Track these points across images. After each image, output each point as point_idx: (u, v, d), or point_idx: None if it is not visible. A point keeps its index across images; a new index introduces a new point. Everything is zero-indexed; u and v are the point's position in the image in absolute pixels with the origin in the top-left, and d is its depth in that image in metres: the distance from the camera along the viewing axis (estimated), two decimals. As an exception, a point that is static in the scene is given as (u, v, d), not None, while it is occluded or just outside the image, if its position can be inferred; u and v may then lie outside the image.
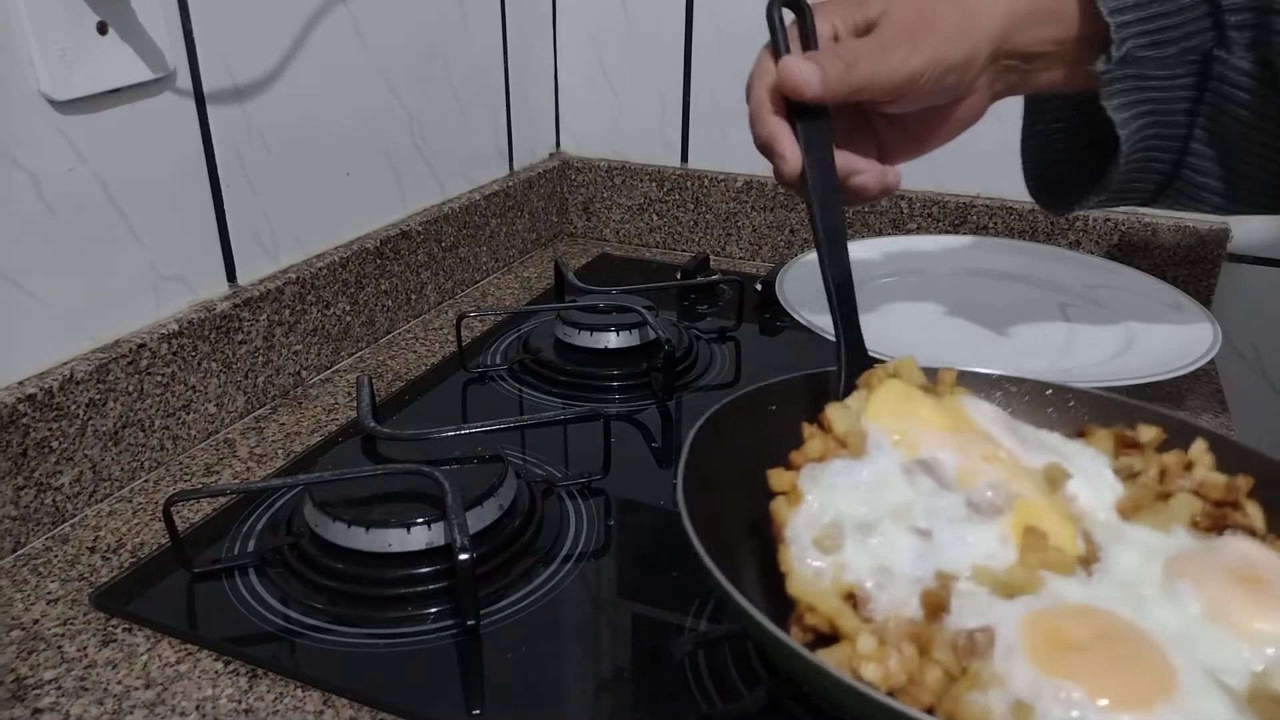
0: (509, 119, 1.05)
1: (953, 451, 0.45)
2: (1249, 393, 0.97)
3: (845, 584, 0.41)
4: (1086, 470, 0.48)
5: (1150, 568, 0.44)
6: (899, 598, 0.40)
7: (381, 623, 0.51)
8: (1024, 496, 0.44)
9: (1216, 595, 0.41)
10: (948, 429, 0.47)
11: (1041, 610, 0.40)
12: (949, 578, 0.41)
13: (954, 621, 0.39)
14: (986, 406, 0.50)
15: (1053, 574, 0.41)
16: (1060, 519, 0.44)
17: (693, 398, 0.76)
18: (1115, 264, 0.88)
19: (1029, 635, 0.38)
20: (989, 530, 0.43)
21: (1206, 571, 0.43)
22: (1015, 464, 0.46)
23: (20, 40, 0.56)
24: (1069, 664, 0.37)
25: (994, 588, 0.41)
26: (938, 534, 0.42)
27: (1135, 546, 0.45)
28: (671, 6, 1.04)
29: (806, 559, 0.42)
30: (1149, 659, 0.38)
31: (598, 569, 0.56)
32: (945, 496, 0.44)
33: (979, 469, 0.44)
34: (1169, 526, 0.46)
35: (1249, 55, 0.52)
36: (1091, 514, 0.46)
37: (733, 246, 1.10)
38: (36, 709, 0.46)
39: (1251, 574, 0.42)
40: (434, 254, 0.92)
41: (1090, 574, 0.43)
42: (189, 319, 0.67)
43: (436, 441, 0.61)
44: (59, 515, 0.60)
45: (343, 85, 0.81)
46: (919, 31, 0.50)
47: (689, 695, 0.47)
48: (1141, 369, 0.69)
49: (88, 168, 0.61)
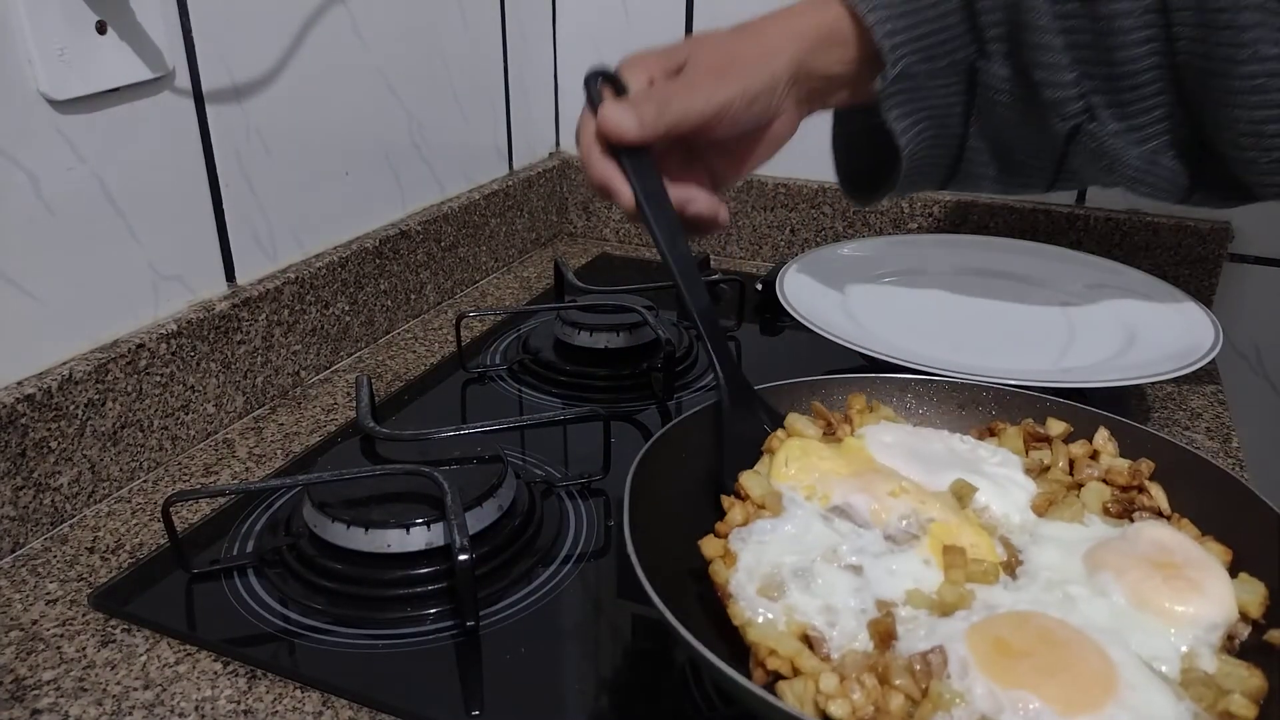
0: (509, 119, 1.05)
1: (861, 494, 0.49)
2: (1249, 393, 0.97)
3: (798, 624, 0.43)
4: (997, 476, 0.51)
5: (1070, 562, 0.46)
6: (849, 631, 0.42)
7: (381, 623, 0.51)
8: (936, 519, 0.47)
9: (1137, 584, 0.43)
10: (852, 474, 0.50)
11: (980, 623, 0.41)
12: (889, 605, 0.43)
13: (904, 647, 0.41)
14: (888, 436, 0.54)
15: (980, 585, 0.44)
16: (975, 531, 0.47)
17: (693, 398, 0.76)
18: (1116, 263, 0.88)
19: (977, 649, 0.40)
20: (911, 557, 0.45)
21: (1124, 561, 0.45)
22: (921, 491, 0.49)
23: (19, 40, 0.56)
24: (1020, 673, 0.38)
25: (930, 608, 0.43)
26: (867, 568, 0.45)
27: (1053, 544, 0.47)
28: (671, 6, 1.04)
29: (757, 609, 0.44)
30: (1090, 658, 0.39)
31: (597, 569, 0.56)
32: (864, 534, 0.47)
33: (888, 504, 0.48)
34: (1082, 517, 0.49)
35: (1006, 63, 0.60)
36: (1005, 520, 0.49)
37: (733, 246, 1.10)
38: (35, 709, 0.46)
39: (1166, 559, 0.44)
40: (433, 254, 0.92)
41: (1015, 578, 0.45)
42: (188, 319, 0.67)
43: (436, 442, 0.61)
44: (58, 516, 0.60)
45: (342, 85, 0.81)
46: (723, 67, 0.56)
47: (689, 696, 0.47)
48: (1142, 369, 0.69)
49: (86, 167, 0.61)
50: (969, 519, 0.48)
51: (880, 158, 0.66)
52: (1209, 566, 0.45)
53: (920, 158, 0.63)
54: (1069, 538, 0.48)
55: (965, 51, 0.61)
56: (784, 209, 1.05)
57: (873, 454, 0.52)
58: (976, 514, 0.49)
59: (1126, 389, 0.75)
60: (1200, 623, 0.42)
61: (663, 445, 0.51)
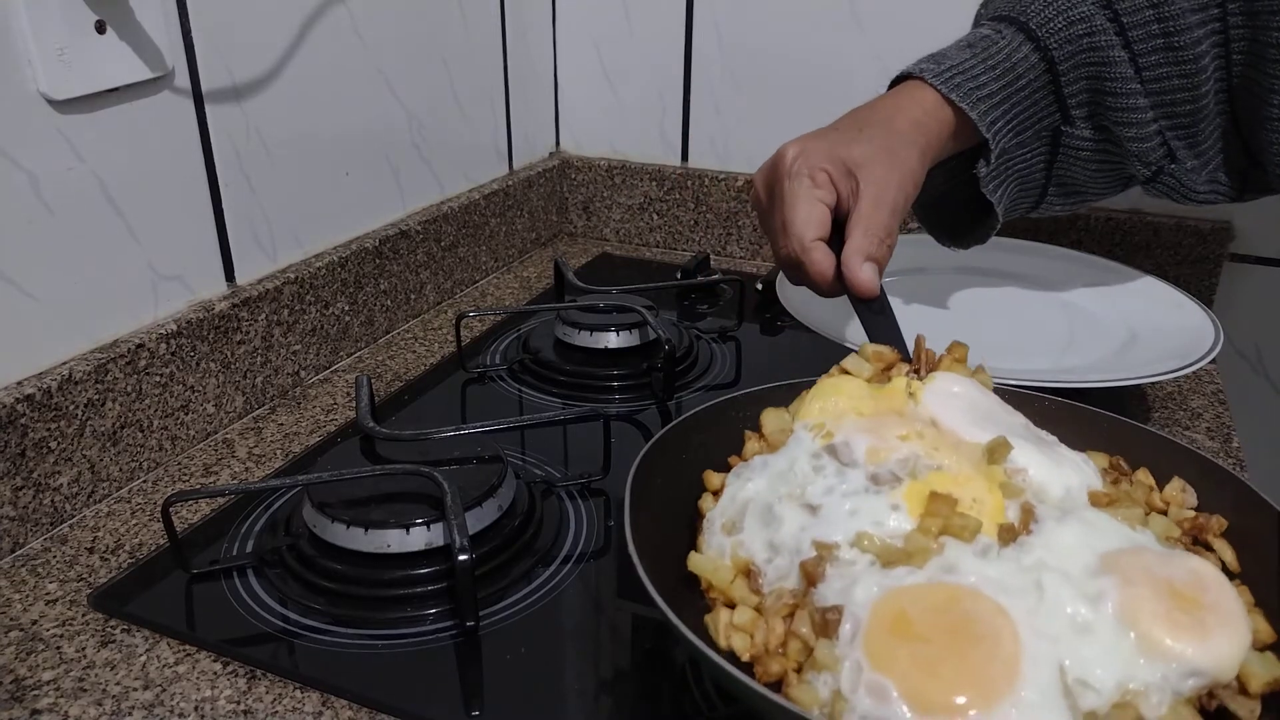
0: (509, 119, 1.05)
1: (866, 434, 0.46)
2: (1250, 393, 0.97)
3: (741, 559, 0.43)
4: (1063, 455, 0.48)
5: (1083, 554, 0.41)
6: (783, 569, 0.42)
7: (380, 624, 0.51)
8: (945, 468, 0.44)
9: (1139, 601, 0.38)
10: (872, 414, 0.48)
11: (899, 591, 0.39)
12: (827, 548, 0.42)
13: (826, 592, 0.40)
14: (957, 386, 0.50)
15: (954, 541, 0.41)
16: (989, 488, 0.43)
17: (693, 398, 0.76)
18: (1117, 264, 0.88)
19: (875, 619, 0.38)
20: (880, 500, 0.43)
21: (1142, 575, 0.40)
22: (940, 439, 0.46)
23: (19, 40, 0.56)
24: (896, 659, 0.37)
25: (877, 555, 0.41)
26: (825, 508, 0.43)
27: (1082, 528, 0.42)
28: (671, 6, 1.04)
29: (713, 541, 0.45)
30: (992, 664, 0.36)
31: (597, 569, 0.56)
32: (846, 474, 0.45)
33: (892, 446, 0.45)
34: (1141, 522, 0.44)
35: (1089, 124, 0.66)
36: (1041, 489, 0.45)
37: (733, 246, 1.09)
38: (35, 710, 0.46)
39: (1193, 594, 0.39)
40: (433, 254, 0.92)
41: (1005, 546, 0.41)
42: (187, 319, 0.67)
43: (436, 442, 0.61)
44: (57, 516, 0.60)
45: (342, 85, 0.81)
46: (893, 199, 0.59)
47: (689, 696, 0.47)
48: (1143, 369, 0.69)
49: (86, 167, 0.61)
50: (990, 475, 0.44)
51: (960, 211, 0.72)
52: (1234, 624, 0.39)
53: (1008, 212, 0.69)
54: (1105, 531, 0.42)
55: (1050, 120, 0.66)
56: (784, 209, 1.05)
57: (925, 399, 0.49)
58: (1008, 474, 0.45)
59: (1126, 389, 0.75)
60: (1182, 664, 0.37)
61: (663, 445, 0.51)
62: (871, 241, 0.57)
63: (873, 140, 0.60)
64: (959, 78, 0.63)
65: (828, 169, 0.59)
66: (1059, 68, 0.64)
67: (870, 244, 0.57)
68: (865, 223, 0.58)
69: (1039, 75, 0.64)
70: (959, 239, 0.74)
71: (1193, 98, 0.63)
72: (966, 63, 0.63)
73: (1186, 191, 0.67)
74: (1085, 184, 0.70)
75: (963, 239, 0.73)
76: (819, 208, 0.58)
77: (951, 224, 0.74)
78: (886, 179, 0.59)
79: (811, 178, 0.58)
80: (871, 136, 0.60)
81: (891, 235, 0.58)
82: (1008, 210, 0.69)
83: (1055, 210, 0.73)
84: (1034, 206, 0.72)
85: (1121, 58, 0.63)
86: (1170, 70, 0.63)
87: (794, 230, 0.58)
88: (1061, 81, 0.64)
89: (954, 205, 0.72)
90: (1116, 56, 0.63)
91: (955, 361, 0.54)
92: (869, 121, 0.62)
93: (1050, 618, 0.38)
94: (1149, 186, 0.68)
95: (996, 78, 0.63)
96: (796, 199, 0.58)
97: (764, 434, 0.50)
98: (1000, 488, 0.44)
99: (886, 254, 0.58)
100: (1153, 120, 0.64)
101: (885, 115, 0.62)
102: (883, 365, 0.53)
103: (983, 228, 0.70)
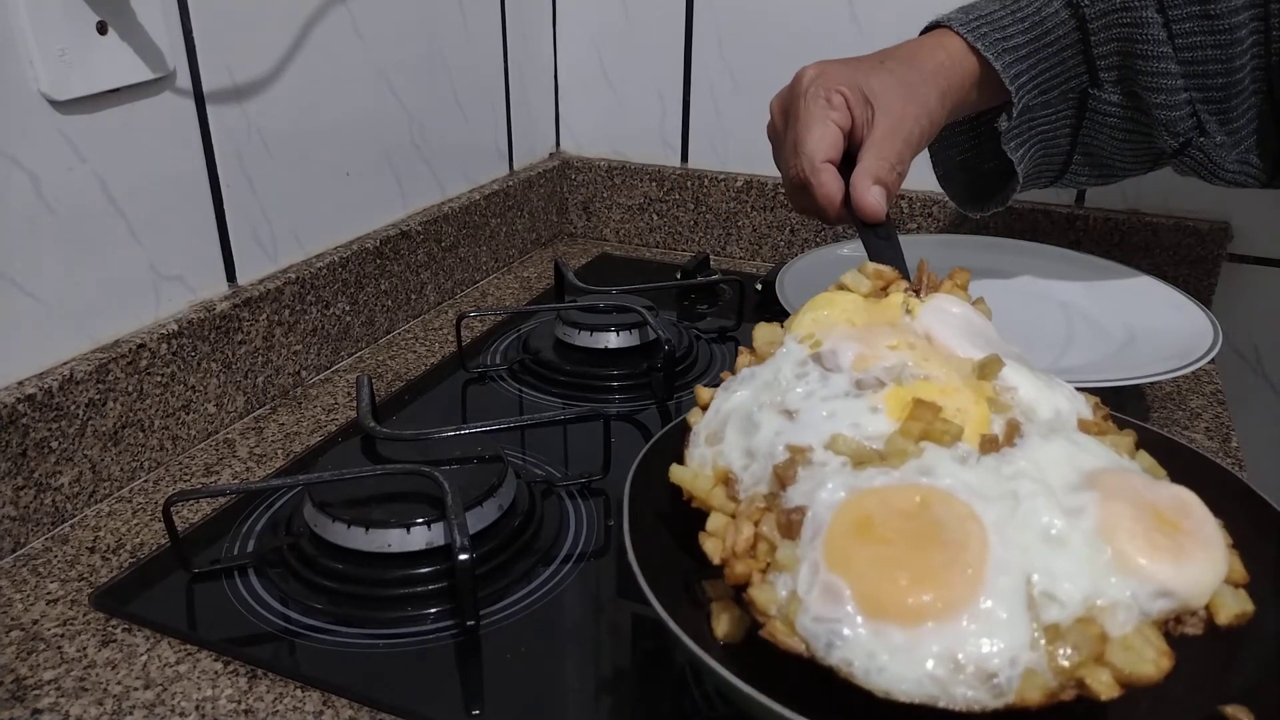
0: (509, 119, 1.05)
1: (854, 342, 0.44)
2: (1249, 393, 0.97)
3: (720, 468, 0.43)
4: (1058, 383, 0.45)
5: (1066, 469, 0.39)
6: (758, 475, 0.42)
7: (381, 623, 0.51)
8: (933, 378, 0.42)
9: (1120, 519, 0.37)
10: (864, 325, 0.46)
11: (866, 493, 0.37)
12: (800, 451, 0.41)
13: (790, 494, 0.39)
14: (956, 308, 0.49)
15: (933, 446, 0.39)
16: (975, 400, 0.42)
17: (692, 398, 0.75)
18: (1116, 264, 0.88)
19: (837, 520, 0.37)
20: (859, 403, 0.42)
21: (1126, 493, 0.38)
22: (929, 350, 0.44)
23: (20, 40, 0.56)
24: (855, 559, 0.35)
25: (850, 456, 0.40)
26: (803, 412, 0.42)
27: (1069, 446, 0.41)
28: (671, 6, 1.04)
29: (696, 453, 0.44)
30: (956, 569, 0.35)
31: (597, 569, 0.56)
32: (829, 379, 0.43)
33: (880, 354, 0.43)
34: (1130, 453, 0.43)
35: (1118, 89, 0.64)
36: (1030, 408, 0.43)
37: (733, 246, 1.10)
38: (36, 709, 0.46)
39: (1175, 519, 0.38)
40: (434, 254, 0.92)
41: (984, 454, 0.40)
42: (189, 319, 0.67)
43: (436, 441, 0.61)
44: (58, 515, 0.60)
45: (342, 85, 0.81)
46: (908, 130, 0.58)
47: (689, 696, 0.47)
48: (1142, 369, 0.69)
49: (87, 167, 0.61)
50: (979, 389, 0.43)
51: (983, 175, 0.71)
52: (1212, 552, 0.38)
53: (1030, 176, 0.68)
54: (1092, 451, 0.41)
55: (1077, 81, 0.65)
56: (784, 209, 1.05)
57: (921, 315, 0.47)
58: (996, 391, 0.43)
59: (1125, 389, 0.75)
60: (1152, 582, 0.36)
61: (663, 445, 0.51)
62: (882, 166, 0.56)
63: (893, 73, 0.59)
64: (986, 27, 0.62)
65: (844, 92, 0.57)
66: (1090, 26, 0.62)
67: (881, 167, 0.56)
68: (877, 148, 0.56)
69: (1069, 33, 0.63)
70: (979, 204, 0.73)
71: (1226, 70, 0.62)
72: (996, 14, 0.63)
73: (1214, 169, 0.65)
74: (1112, 156, 0.68)
75: (983, 204, 0.72)
76: (832, 129, 0.57)
77: (976, 193, 0.73)
78: (903, 111, 0.58)
79: (828, 99, 0.57)
80: (892, 70, 0.59)
81: (903, 164, 0.57)
82: (1031, 176, 0.68)
83: (1082, 181, 0.71)
84: (1059, 175, 0.70)
85: (1155, 20, 0.61)
86: (1205, 39, 0.61)
87: (805, 149, 0.57)
88: (1091, 41, 0.63)
89: (976, 174, 0.72)
90: (1149, 19, 0.61)
91: (956, 287, 0.52)
92: (892, 56, 0.61)
93: (1024, 527, 0.37)
94: (1177, 160, 0.66)
95: (1025, 30, 0.62)
96: (811, 118, 0.57)
97: (754, 347, 0.49)
98: (987, 402, 0.42)
99: (896, 181, 0.57)
100: (1183, 89, 0.62)
101: (908, 54, 0.61)
102: (881, 283, 0.51)
103: (1006, 190, 0.69)
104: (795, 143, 0.57)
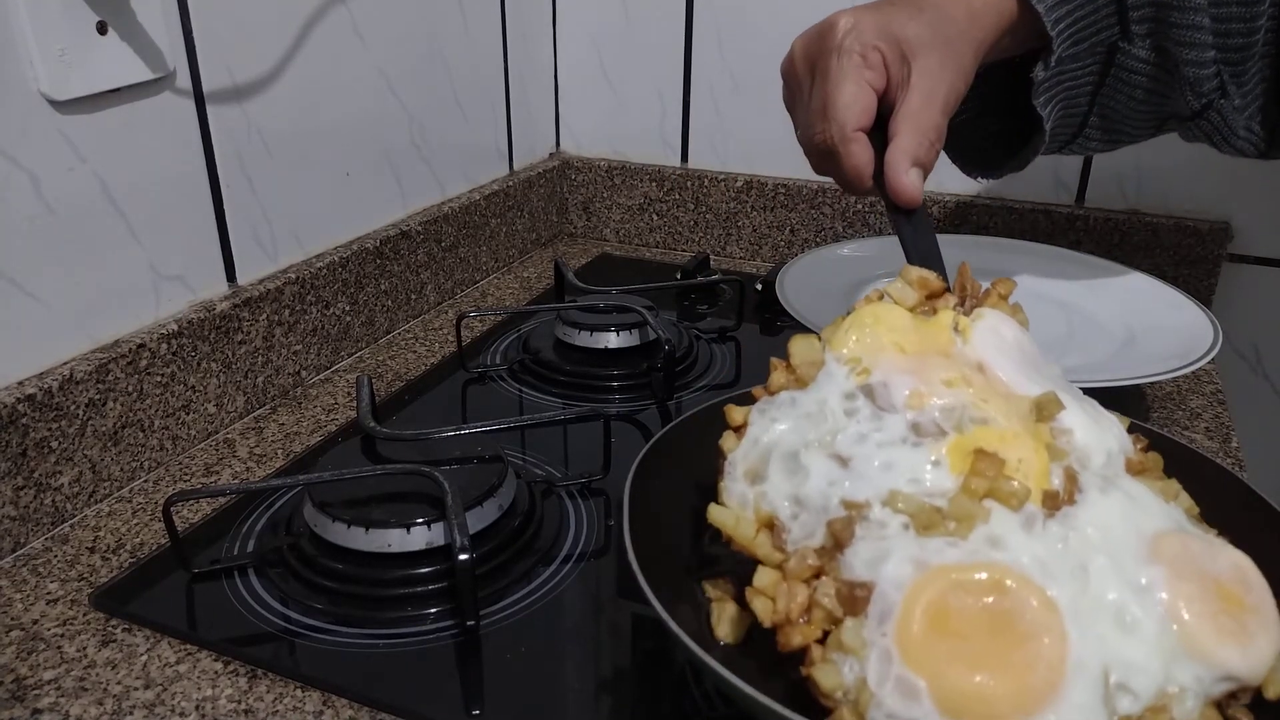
0: (509, 119, 1.05)
1: (907, 375, 0.41)
2: (1249, 393, 0.97)
3: (765, 513, 0.40)
4: (1101, 415, 0.44)
5: (1128, 533, 0.39)
6: (809, 526, 0.39)
7: (381, 623, 0.51)
8: (992, 422, 0.40)
9: (1187, 599, 0.37)
10: (915, 353, 0.43)
11: (938, 572, 0.36)
12: (857, 507, 0.38)
13: (854, 557, 0.37)
14: (1008, 330, 0.46)
15: (999, 508, 0.37)
16: (1035, 449, 0.40)
17: (693, 398, 0.76)
18: (1115, 264, 0.88)
19: (910, 607, 0.35)
20: (920, 453, 0.39)
21: (1190, 569, 0.38)
22: (990, 390, 0.42)
23: (20, 40, 0.56)
24: (933, 655, 0.34)
25: (912, 517, 0.37)
26: (857, 460, 0.39)
27: (1125, 501, 0.40)
28: (671, 6, 1.04)
29: (735, 489, 0.42)
30: (1034, 669, 0.34)
31: (597, 569, 0.56)
32: (883, 420, 0.41)
33: (936, 391, 0.41)
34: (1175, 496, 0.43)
35: (1147, 43, 0.61)
36: (1084, 454, 0.41)
37: (733, 246, 1.10)
38: (36, 709, 0.46)
39: (1237, 593, 0.38)
40: (434, 254, 0.92)
41: (1050, 516, 0.38)
42: (189, 319, 0.67)
43: (436, 442, 0.61)
44: (58, 515, 0.60)
45: (342, 85, 0.81)
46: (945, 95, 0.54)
47: (689, 696, 0.47)
48: (1142, 369, 0.69)
49: (87, 168, 0.61)
50: (1038, 434, 0.40)
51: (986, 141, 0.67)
52: (1270, 625, 0.38)
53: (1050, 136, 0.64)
54: (1147, 507, 0.40)
55: (1109, 33, 0.61)
56: (784, 209, 1.05)
57: (975, 340, 0.44)
58: (1053, 434, 0.41)
59: (1125, 389, 0.75)
60: (1220, 668, 0.36)
61: (663, 445, 0.51)
62: (922, 144, 0.52)
63: (931, 24, 0.54)
64: None
65: (882, 48, 0.53)
66: None
67: (920, 147, 0.52)
68: (915, 120, 0.52)
69: None
70: (989, 169, 0.68)
71: (1247, 30, 0.59)
72: None
73: (1228, 133, 0.63)
74: (1125, 119, 0.65)
75: (996, 168, 0.68)
76: (867, 92, 0.52)
77: (980, 156, 0.69)
78: (940, 73, 0.53)
79: (864, 56, 0.52)
80: (930, 20, 0.55)
81: (941, 137, 0.53)
82: (1050, 135, 0.63)
83: (1090, 147, 0.68)
84: (1072, 139, 0.67)
85: None
86: None
87: (835, 114, 0.52)
88: None
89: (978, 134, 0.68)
90: None
91: (1000, 299, 0.48)
92: (926, 3, 0.56)
93: (1096, 607, 0.36)
94: (1192, 124, 0.63)
95: None
96: (844, 78, 0.52)
97: (791, 364, 0.45)
98: (1046, 449, 0.40)
99: (933, 158, 0.53)
100: (1213, 45, 0.59)
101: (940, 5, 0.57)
102: (926, 293, 0.47)
103: (1026, 150, 0.64)
104: (824, 104, 0.53)
